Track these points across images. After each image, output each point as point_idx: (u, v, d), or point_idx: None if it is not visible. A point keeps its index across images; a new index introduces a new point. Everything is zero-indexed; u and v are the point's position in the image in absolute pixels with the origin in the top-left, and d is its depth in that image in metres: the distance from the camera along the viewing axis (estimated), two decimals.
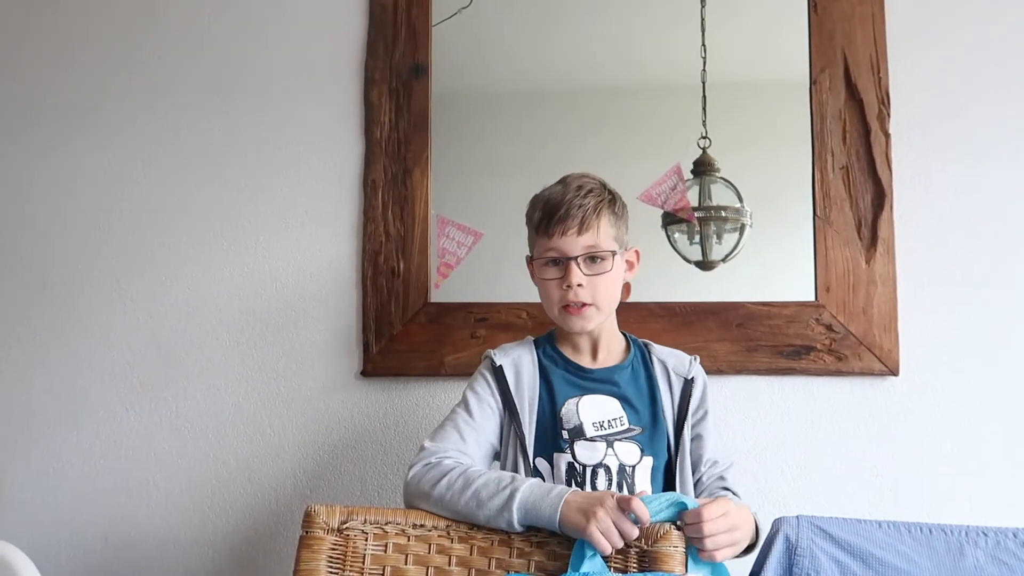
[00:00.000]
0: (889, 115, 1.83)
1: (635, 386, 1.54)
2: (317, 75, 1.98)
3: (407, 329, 1.89)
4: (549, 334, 1.61)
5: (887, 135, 1.83)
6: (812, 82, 1.86)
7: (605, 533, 1.27)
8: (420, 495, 1.40)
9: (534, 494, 1.33)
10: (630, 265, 1.58)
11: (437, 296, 1.90)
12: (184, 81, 2.01)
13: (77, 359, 1.98)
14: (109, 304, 1.99)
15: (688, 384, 1.55)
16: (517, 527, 1.33)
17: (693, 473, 1.52)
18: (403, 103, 1.94)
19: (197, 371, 1.95)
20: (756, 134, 1.89)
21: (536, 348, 1.57)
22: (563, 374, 1.53)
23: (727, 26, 1.90)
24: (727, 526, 1.30)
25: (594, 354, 1.56)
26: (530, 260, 1.58)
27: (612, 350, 1.57)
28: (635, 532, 1.28)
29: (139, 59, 2.03)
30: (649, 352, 1.59)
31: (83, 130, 2.03)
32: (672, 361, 1.58)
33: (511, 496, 1.32)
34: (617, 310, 1.58)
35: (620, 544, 1.28)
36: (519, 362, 1.54)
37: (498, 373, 1.53)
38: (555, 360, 1.55)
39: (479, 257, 1.89)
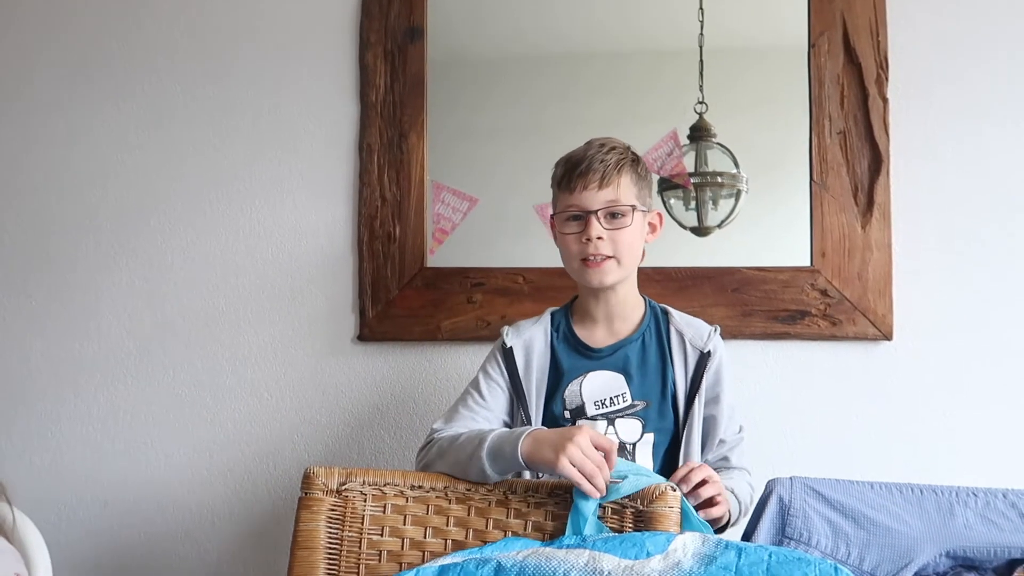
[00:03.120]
0: (887, 80, 1.82)
1: (643, 359, 1.53)
2: (311, 37, 1.96)
3: (403, 294, 1.90)
4: (566, 307, 1.60)
5: (885, 100, 1.82)
6: (810, 46, 1.85)
7: (578, 465, 1.25)
8: (425, 469, 1.43)
9: (501, 436, 1.35)
10: (652, 228, 1.57)
11: (433, 261, 1.90)
12: (178, 45, 1.99)
13: (74, 324, 1.98)
14: (106, 269, 1.98)
15: (704, 358, 1.52)
16: (489, 472, 1.32)
17: (702, 453, 1.52)
18: (398, 66, 1.92)
19: (194, 336, 1.95)
20: (753, 99, 1.88)
21: (551, 325, 1.57)
22: (571, 353, 1.54)
23: None
24: (704, 474, 1.38)
25: (609, 325, 1.55)
26: (552, 219, 1.57)
27: (629, 318, 1.56)
28: (612, 460, 1.28)
29: (133, 24, 2.00)
30: (667, 321, 1.57)
31: (78, 96, 2.01)
32: (690, 332, 1.55)
33: (480, 442, 1.34)
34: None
35: (596, 475, 1.25)
36: (530, 343, 1.55)
37: (508, 355, 1.54)
38: (566, 338, 1.56)
39: (475, 222, 1.89)
